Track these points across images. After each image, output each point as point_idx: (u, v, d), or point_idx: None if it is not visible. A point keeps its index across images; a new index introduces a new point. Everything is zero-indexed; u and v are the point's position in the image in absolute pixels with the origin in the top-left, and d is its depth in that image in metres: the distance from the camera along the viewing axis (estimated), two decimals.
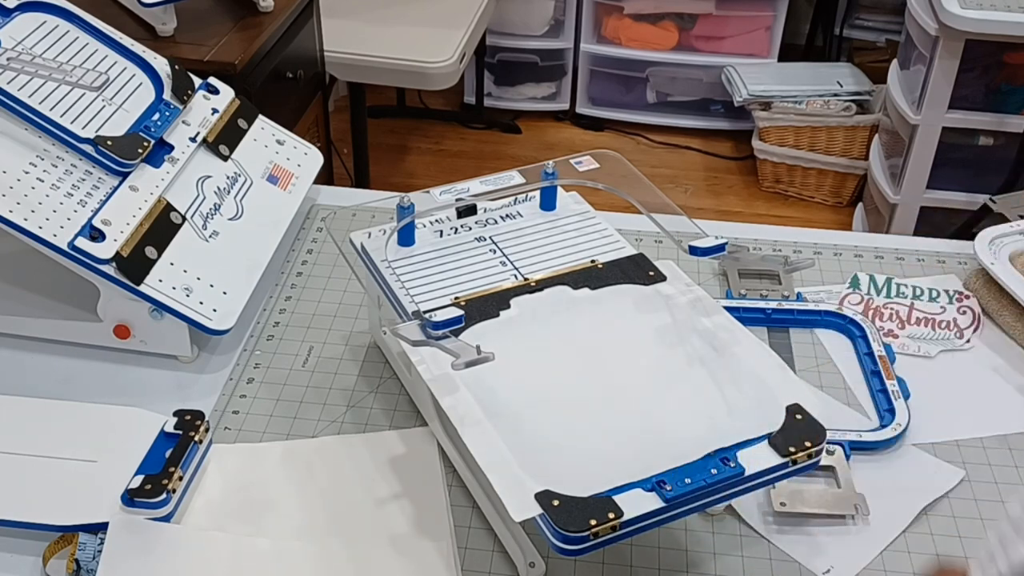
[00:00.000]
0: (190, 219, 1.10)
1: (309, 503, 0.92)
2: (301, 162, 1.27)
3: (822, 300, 1.15)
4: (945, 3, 2.16)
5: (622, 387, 0.87)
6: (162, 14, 1.77)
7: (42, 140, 1.04)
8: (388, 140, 3.18)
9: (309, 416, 1.01)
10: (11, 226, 0.97)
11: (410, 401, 1.02)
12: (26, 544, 0.88)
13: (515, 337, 0.91)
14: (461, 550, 0.88)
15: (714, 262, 1.21)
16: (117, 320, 1.05)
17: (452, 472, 0.95)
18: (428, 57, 2.40)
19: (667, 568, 0.87)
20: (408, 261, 0.99)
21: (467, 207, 1.05)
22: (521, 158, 3.04)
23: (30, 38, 1.12)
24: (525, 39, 3.18)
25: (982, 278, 1.18)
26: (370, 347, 1.10)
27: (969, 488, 0.95)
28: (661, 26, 3.12)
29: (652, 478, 0.76)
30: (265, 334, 1.12)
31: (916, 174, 2.42)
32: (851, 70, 2.98)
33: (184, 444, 0.91)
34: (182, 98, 1.17)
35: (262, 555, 0.86)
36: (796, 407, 0.82)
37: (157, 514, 0.86)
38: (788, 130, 2.88)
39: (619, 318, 0.94)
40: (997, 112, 2.34)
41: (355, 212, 1.28)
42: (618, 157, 1.11)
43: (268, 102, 1.77)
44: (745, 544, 0.90)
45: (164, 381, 1.06)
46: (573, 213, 1.07)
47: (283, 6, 1.92)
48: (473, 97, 3.26)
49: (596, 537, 0.73)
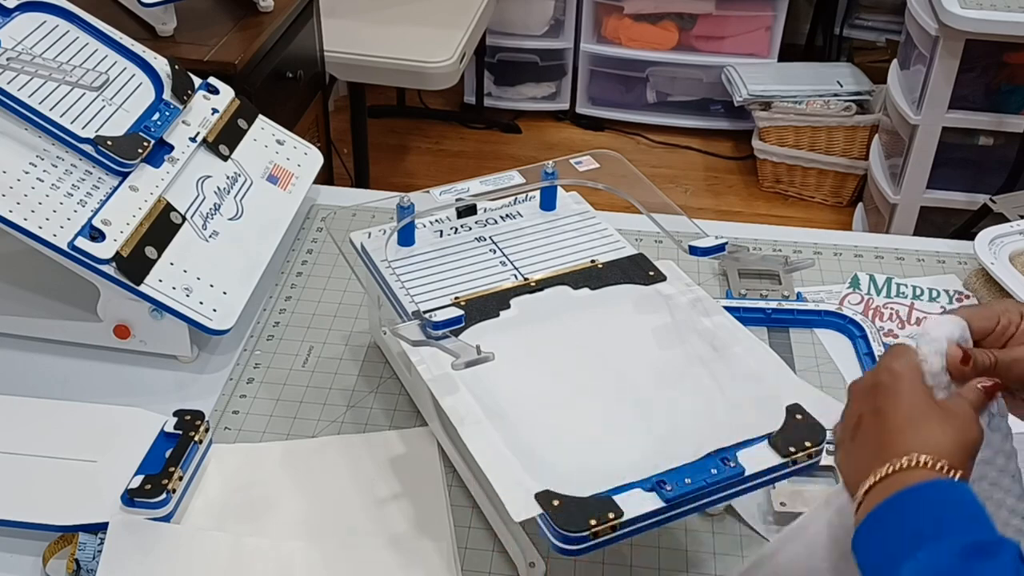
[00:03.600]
0: (190, 219, 1.10)
1: (309, 503, 0.92)
2: (301, 162, 1.27)
3: (822, 300, 1.15)
4: (945, 3, 2.16)
5: (622, 387, 0.87)
6: (162, 14, 1.76)
7: (42, 140, 1.04)
8: (388, 140, 3.18)
9: (309, 416, 1.01)
10: (11, 226, 0.97)
11: (410, 401, 1.02)
12: (26, 544, 0.88)
13: (515, 337, 0.91)
14: (461, 550, 0.88)
15: (714, 262, 1.21)
16: (117, 320, 1.05)
17: (452, 472, 0.95)
18: (428, 57, 2.40)
19: (667, 568, 0.87)
20: (408, 261, 0.99)
21: (467, 207, 1.05)
22: (521, 158, 3.03)
23: (30, 38, 1.12)
24: (525, 39, 3.18)
25: (982, 278, 1.18)
26: (370, 347, 1.10)
27: None
28: (661, 26, 3.12)
29: (652, 478, 0.76)
30: (265, 334, 1.12)
31: (916, 174, 2.41)
32: (851, 70, 2.98)
33: (184, 444, 0.91)
34: (182, 98, 1.17)
35: (262, 555, 0.86)
36: (796, 407, 0.82)
37: (157, 514, 0.86)
38: (788, 130, 2.87)
39: (619, 318, 0.94)
40: (997, 112, 2.34)
41: (355, 212, 1.28)
42: (618, 157, 1.11)
43: (268, 102, 1.77)
44: (745, 544, 0.89)
45: (164, 381, 1.06)
46: (573, 213, 1.07)
47: (283, 6, 1.92)
48: (473, 97, 3.26)
49: (596, 537, 0.73)
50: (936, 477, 0.60)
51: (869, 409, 0.66)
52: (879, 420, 0.65)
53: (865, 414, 0.66)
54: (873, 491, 0.62)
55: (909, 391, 0.65)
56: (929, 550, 0.57)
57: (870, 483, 0.62)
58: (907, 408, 0.64)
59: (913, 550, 0.57)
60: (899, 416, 0.64)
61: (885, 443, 0.63)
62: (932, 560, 0.56)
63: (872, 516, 0.61)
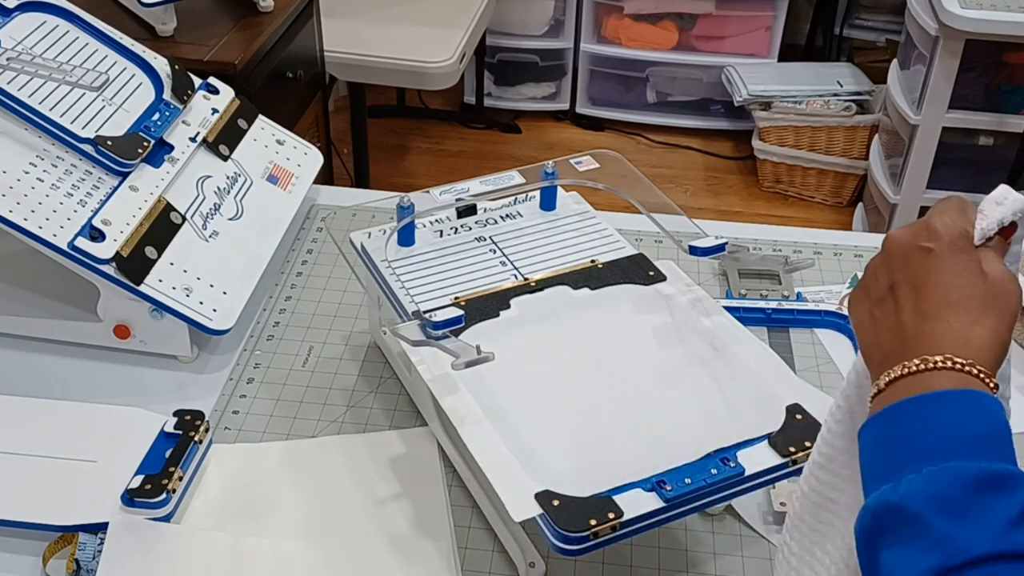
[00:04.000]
0: (190, 219, 1.10)
1: (309, 503, 0.92)
2: (301, 162, 1.27)
3: (822, 300, 1.15)
4: (945, 3, 2.16)
5: (622, 387, 0.87)
6: (162, 14, 1.76)
7: (42, 140, 1.04)
8: (388, 140, 3.18)
9: (309, 416, 1.01)
10: (11, 226, 0.97)
11: (410, 401, 1.02)
12: (26, 544, 0.88)
13: (515, 337, 0.91)
14: (461, 550, 0.88)
15: (714, 262, 1.21)
16: (117, 320, 1.05)
17: (452, 472, 0.95)
18: (428, 57, 2.40)
19: (667, 568, 0.87)
20: (408, 261, 0.99)
21: (467, 207, 1.05)
22: (521, 158, 3.04)
23: (30, 38, 1.12)
24: (525, 39, 3.18)
25: None
26: (370, 347, 1.10)
27: None
28: (661, 26, 3.12)
29: (652, 478, 0.76)
30: (265, 334, 1.12)
31: (916, 174, 2.41)
32: (851, 70, 2.98)
33: (184, 444, 0.91)
34: (182, 98, 1.17)
35: (262, 555, 0.86)
36: (796, 407, 0.82)
37: (157, 514, 0.86)
38: (788, 130, 2.87)
39: (619, 318, 0.94)
40: (997, 112, 2.34)
41: (355, 212, 1.28)
42: (618, 157, 1.11)
43: (268, 102, 1.77)
44: (745, 544, 0.89)
45: (164, 381, 1.06)
46: (573, 213, 1.07)
47: (283, 6, 1.92)
48: (473, 97, 3.26)
49: (596, 537, 0.73)
50: (968, 387, 0.55)
51: (905, 278, 0.59)
52: (917, 296, 0.58)
53: (900, 283, 0.60)
54: (896, 385, 0.57)
55: (955, 264, 0.58)
56: (939, 467, 0.52)
57: (895, 375, 0.57)
58: (950, 287, 0.58)
59: (920, 461, 0.53)
60: (940, 296, 0.58)
61: (919, 328, 0.57)
62: (938, 479, 0.52)
63: (888, 412, 0.56)
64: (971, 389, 0.55)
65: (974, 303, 0.58)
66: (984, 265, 0.59)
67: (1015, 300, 0.59)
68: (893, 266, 0.61)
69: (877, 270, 0.62)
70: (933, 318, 0.58)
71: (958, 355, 0.56)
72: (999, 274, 0.59)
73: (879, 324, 0.61)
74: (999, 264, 0.60)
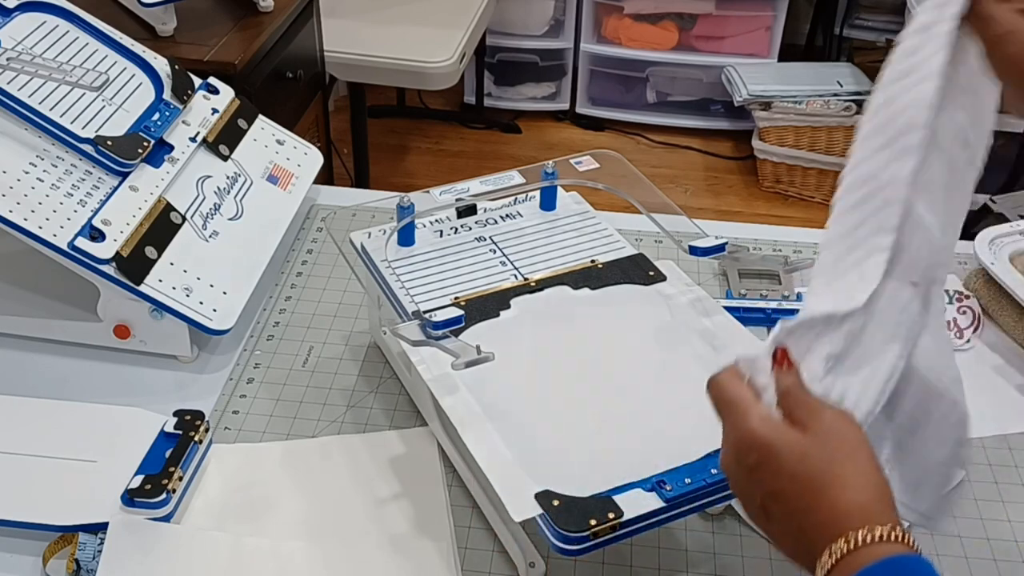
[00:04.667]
0: (190, 219, 1.10)
1: (309, 503, 0.92)
2: (301, 162, 1.27)
3: None
4: None
5: (622, 387, 0.87)
6: (162, 14, 1.77)
7: (42, 140, 1.04)
8: (388, 140, 3.18)
9: (309, 416, 1.01)
10: (11, 226, 0.97)
11: (410, 401, 1.02)
12: (26, 544, 0.88)
13: (515, 337, 0.91)
14: (461, 550, 0.88)
15: (714, 262, 1.21)
16: (117, 320, 1.05)
17: (452, 472, 0.95)
18: (428, 57, 2.40)
19: (667, 568, 0.87)
20: (408, 261, 0.99)
21: (467, 207, 1.05)
22: (521, 158, 3.04)
23: (30, 38, 1.12)
24: (525, 39, 3.19)
25: (982, 278, 1.18)
26: (370, 347, 1.10)
27: (969, 488, 0.95)
28: (661, 26, 3.12)
29: (652, 478, 0.76)
30: (265, 334, 1.12)
31: None
32: (851, 70, 2.98)
33: (184, 444, 0.91)
34: (182, 98, 1.17)
35: (262, 555, 0.86)
36: None
37: (157, 514, 0.86)
38: (788, 130, 2.88)
39: (619, 318, 0.94)
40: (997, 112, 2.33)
41: (355, 212, 1.28)
42: (618, 157, 1.11)
43: (268, 102, 1.77)
44: (745, 544, 0.89)
45: (164, 381, 1.06)
46: (573, 213, 1.07)
47: (283, 6, 1.92)
48: (473, 97, 3.26)
49: (596, 537, 0.73)
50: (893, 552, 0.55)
51: (766, 495, 0.61)
52: (788, 503, 0.59)
53: (765, 498, 0.61)
54: (834, 572, 0.56)
55: (785, 453, 0.59)
56: None
57: (828, 565, 0.56)
58: (800, 475, 0.59)
59: None
60: (800, 489, 0.58)
61: (809, 524, 0.58)
62: None
63: None
64: (899, 556, 0.55)
65: (829, 469, 0.58)
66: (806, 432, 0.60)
67: (850, 431, 0.60)
68: (749, 488, 0.62)
69: (742, 491, 0.63)
70: (815, 508, 0.58)
71: (852, 527, 0.56)
72: (821, 425, 0.60)
73: (780, 527, 0.61)
74: (812, 409, 0.61)
